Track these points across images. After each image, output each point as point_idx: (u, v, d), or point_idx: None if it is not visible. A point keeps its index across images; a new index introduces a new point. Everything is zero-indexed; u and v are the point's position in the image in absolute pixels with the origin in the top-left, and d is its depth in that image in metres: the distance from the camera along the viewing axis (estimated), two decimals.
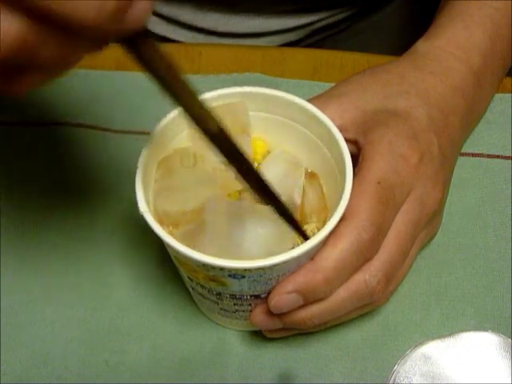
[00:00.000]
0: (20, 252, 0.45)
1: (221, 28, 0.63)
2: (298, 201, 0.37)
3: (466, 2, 0.46)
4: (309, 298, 0.35)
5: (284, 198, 0.34)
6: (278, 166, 0.39)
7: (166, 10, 0.63)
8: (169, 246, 0.34)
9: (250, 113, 0.40)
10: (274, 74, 0.53)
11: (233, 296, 0.36)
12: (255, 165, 0.33)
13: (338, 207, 0.34)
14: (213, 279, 0.35)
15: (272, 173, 0.38)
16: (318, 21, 0.65)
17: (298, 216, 0.37)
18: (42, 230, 0.46)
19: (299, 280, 0.35)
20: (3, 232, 0.46)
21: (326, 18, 0.65)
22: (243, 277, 0.34)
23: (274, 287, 0.35)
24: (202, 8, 0.62)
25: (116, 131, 0.50)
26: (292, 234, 0.35)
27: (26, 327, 0.42)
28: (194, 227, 0.36)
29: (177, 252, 0.33)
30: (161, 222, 0.34)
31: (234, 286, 0.35)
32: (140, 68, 0.26)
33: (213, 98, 0.38)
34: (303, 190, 0.38)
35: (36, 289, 0.44)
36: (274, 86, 0.51)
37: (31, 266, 0.44)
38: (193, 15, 0.63)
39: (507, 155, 0.48)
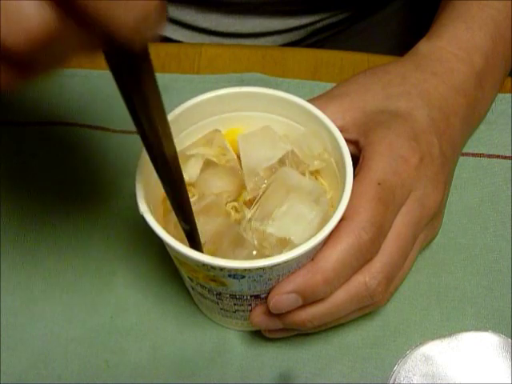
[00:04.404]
0: (20, 252, 0.45)
1: (222, 28, 0.63)
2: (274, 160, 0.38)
3: (467, 3, 0.46)
4: (308, 299, 0.35)
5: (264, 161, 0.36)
6: (257, 135, 0.39)
7: (167, 10, 0.63)
8: (169, 246, 0.34)
9: (251, 113, 0.40)
10: (274, 73, 0.53)
11: (233, 296, 0.36)
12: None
13: (339, 207, 0.34)
14: (213, 279, 0.35)
15: (253, 138, 0.38)
16: (318, 21, 0.65)
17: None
18: (42, 230, 0.46)
19: (298, 280, 0.35)
20: (3, 232, 0.46)
21: (327, 18, 0.65)
22: (243, 277, 0.34)
23: (273, 287, 0.35)
24: (202, 8, 0.62)
25: (116, 131, 0.50)
26: None
27: (26, 327, 0.42)
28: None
29: (177, 252, 0.33)
30: None
31: (234, 286, 0.35)
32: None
33: (212, 98, 0.38)
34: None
35: (36, 289, 0.44)
36: (274, 86, 0.51)
37: (31, 266, 0.44)
38: (194, 15, 0.63)
39: (507, 155, 0.48)
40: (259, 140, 0.38)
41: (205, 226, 0.35)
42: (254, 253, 0.35)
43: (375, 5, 0.67)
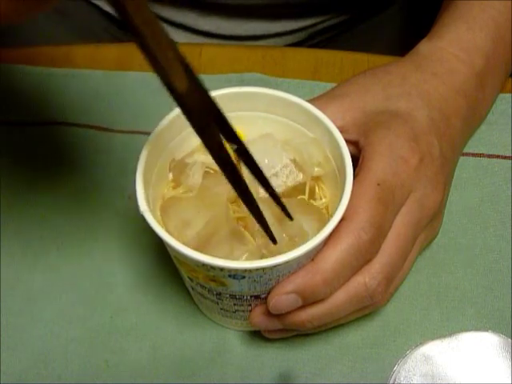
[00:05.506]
0: (20, 252, 0.45)
1: (223, 31, 0.63)
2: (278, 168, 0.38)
3: (469, 4, 0.46)
4: (308, 299, 0.35)
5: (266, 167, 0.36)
6: (259, 143, 0.39)
7: (168, 13, 0.63)
8: (169, 245, 0.34)
9: (250, 113, 0.40)
10: (274, 73, 0.53)
11: (233, 296, 0.36)
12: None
13: (339, 208, 0.34)
14: (213, 279, 0.35)
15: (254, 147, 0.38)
16: (319, 23, 0.65)
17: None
18: (42, 230, 0.46)
19: (298, 281, 0.35)
20: (3, 232, 0.46)
21: (327, 20, 0.65)
22: (243, 277, 0.34)
23: (273, 287, 0.35)
24: (204, 12, 0.62)
25: (116, 131, 0.50)
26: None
27: (26, 327, 0.42)
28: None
29: (177, 252, 0.33)
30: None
31: (234, 286, 0.35)
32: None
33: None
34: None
35: (36, 289, 0.44)
36: (274, 86, 0.51)
37: (31, 266, 0.44)
38: (195, 19, 0.63)
39: (507, 155, 0.48)
40: (262, 148, 0.38)
41: (203, 213, 0.36)
42: (247, 254, 0.35)
43: (375, 6, 0.67)
